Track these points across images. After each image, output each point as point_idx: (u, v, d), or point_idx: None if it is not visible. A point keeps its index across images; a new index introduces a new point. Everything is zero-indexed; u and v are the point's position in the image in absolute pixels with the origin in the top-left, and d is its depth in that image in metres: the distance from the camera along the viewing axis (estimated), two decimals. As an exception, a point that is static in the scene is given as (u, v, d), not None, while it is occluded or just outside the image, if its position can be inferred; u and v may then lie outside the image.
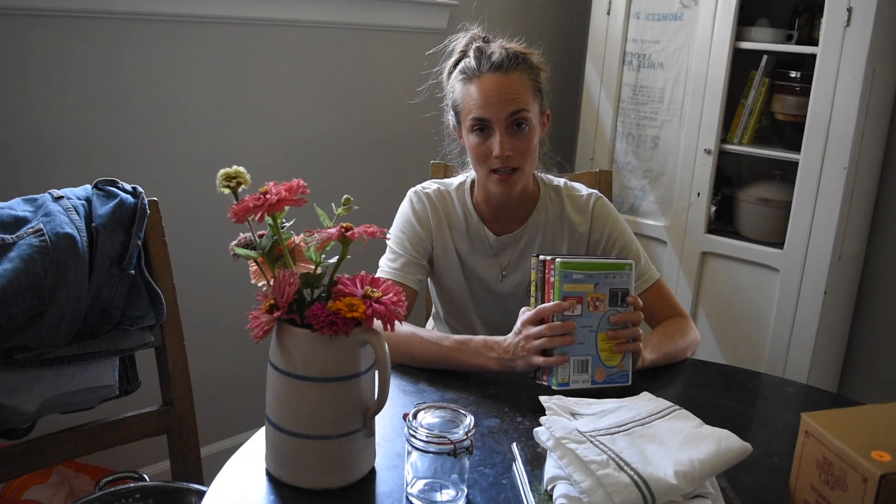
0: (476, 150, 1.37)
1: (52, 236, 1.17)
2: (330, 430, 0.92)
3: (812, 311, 2.19)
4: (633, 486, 0.84)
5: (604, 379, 1.20)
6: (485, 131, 1.35)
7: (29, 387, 1.21)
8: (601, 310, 1.20)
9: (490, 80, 1.34)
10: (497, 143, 1.33)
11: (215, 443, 2.08)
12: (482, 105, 1.34)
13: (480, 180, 1.43)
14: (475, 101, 1.35)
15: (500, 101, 1.33)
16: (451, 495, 0.92)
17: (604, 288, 1.20)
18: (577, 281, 1.19)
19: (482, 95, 1.34)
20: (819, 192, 2.14)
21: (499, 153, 1.33)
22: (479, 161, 1.38)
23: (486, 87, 1.34)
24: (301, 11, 2.05)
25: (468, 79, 1.37)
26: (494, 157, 1.34)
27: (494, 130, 1.34)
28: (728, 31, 2.23)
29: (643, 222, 2.51)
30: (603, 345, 1.20)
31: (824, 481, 0.82)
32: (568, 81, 2.88)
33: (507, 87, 1.34)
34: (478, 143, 1.36)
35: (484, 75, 1.35)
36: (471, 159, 1.41)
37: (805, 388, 1.37)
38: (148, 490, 1.30)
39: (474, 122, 1.35)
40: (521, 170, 1.37)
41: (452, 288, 1.50)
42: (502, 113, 1.33)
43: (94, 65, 1.72)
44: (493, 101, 1.33)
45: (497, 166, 1.35)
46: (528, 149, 1.37)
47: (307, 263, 0.95)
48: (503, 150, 1.33)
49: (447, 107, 1.45)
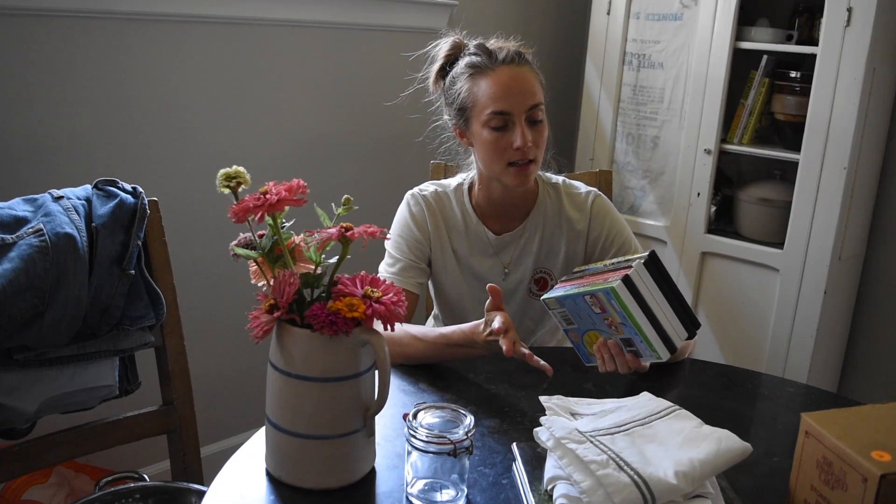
0: (494, 143, 1.35)
1: (52, 236, 1.17)
2: (330, 430, 0.92)
3: (812, 311, 2.19)
4: (633, 486, 0.84)
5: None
6: (503, 126, 1.34)
7: (29, 387, 1.21)
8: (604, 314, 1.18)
9: (506, 72, 1.34)
10: (519, 134, 1.32)
11: (215, 443, 2.08)
12: (503, 97, 1.33)
13: (491, 176, 1.41)
14: (493, 94, 1.33)
15: (521, 92, 1.33)
16: (451, 495, 0.92)
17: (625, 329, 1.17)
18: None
19: (501, 88, 1.33)
20: (819, 192, 2.14)
21: (522, 144, 1.32)
22: (496, 154, 1.36)
23: (503, 80, 1.33)
24: (301, 11, 2.05)
25: (479, 73, 1.36)
26: (516, 148, 1.33)
27: (515, 123, 1.33)
28: (728, 31, 2.23)
29: (643, 222, 2.51)
30: (590, 338, 1.21)
31: (824, 481, 0.82)
32: (568, 81, 2.88)
33: (524, 80, 1.34)
34: (496, 137, 1.34)
35: (498, 68, 1.34)
36: (484, 155, 1.38)
37: (805, 388, 1.37)
38: (148, 490, 1.30)
39: (493, 115, 1.33)
40: (536, 161, 1.37)
41: (451, 290, 1.50)
42: (523, 105, 1.33)
43: (94, 65, 1.72)
44: (514, 92, 1.32)
45: (516, 158, 1.34)
46: (544, 141, 1.38)
47: (307, 263, 0.95)
48: (526, 142, 1.32)
49: (447, 107, 1.45)
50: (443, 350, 1.26)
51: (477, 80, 1.36)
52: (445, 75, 1.44)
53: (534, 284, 1.49)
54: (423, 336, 1.28)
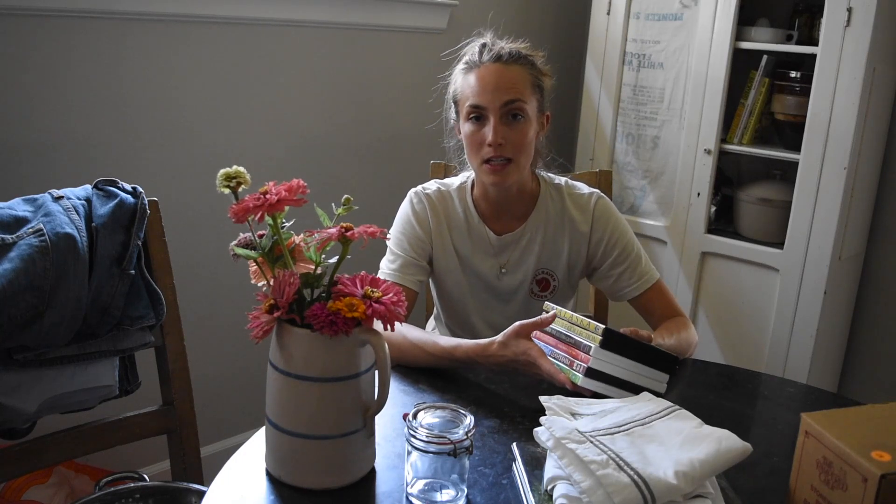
0: (470, 138, 1.38)
1: (52, 236, 1.17)
2: (330, 430, 0.92)
3: (812, 311, 2.19)
4: (633, 486, 0.84)
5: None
6: (480, 119, 1.36)
7: (29, 387, 1.21)
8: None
9: (489, 69, 1.36)
10: (490, 130, 1.34)
11: (215, 443, 2.08)
12: (479, 92, 1.35)
13: (475, 172, 1.44)
14: (472, 88, 1.36)
15: (497, 89, 1.34)
16: (451, 495, 0.92)
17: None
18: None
19: (480, 83, 1.36)
20: (819, 192, 2.14)
21: (492, 140, 1.34)
22: (473, 150, 1.39)
23: (484, 76, 1.36)
24: (301, 11, 2.05)
25: (468, 69, 1.39)
26: (487, 144, 1.35)
27: (489, 118, 1.35)
28: (728, 31, 2.22)
29: (643, 222, 2.51)
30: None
31: (824, 481, 0.82)
32: (568, 81, 2.88)
33: (504, 77, 1.35)
34: (473, 130, 1.37)
35: (483, 65, 1.37)
36: (466, 150, 1.41)
37: (805, 388, 1.37)
38: (148, 490, 1.30)
39: (471, 109, 1.37)
40: (514, 162, 1.37)
41: (452, 289, 1.50)
42: (498, 101, 1.34)
43: (94, 65, 1.72)
44: (489, 88, 1.35)
45: (490, 156, 1.36)
46: (523, 141, 1.37)
47: (307, 263, 0.95)
48: (496, 137, 1.34)
49: (449, 101, 1.46)
50: (442, 362, 1.27)
51: (466, 76, 1.39)
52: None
53: (535, 285, 1.49)
54: (424, 344, 1.27)
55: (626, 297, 1.48)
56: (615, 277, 1.47)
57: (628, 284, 1.46)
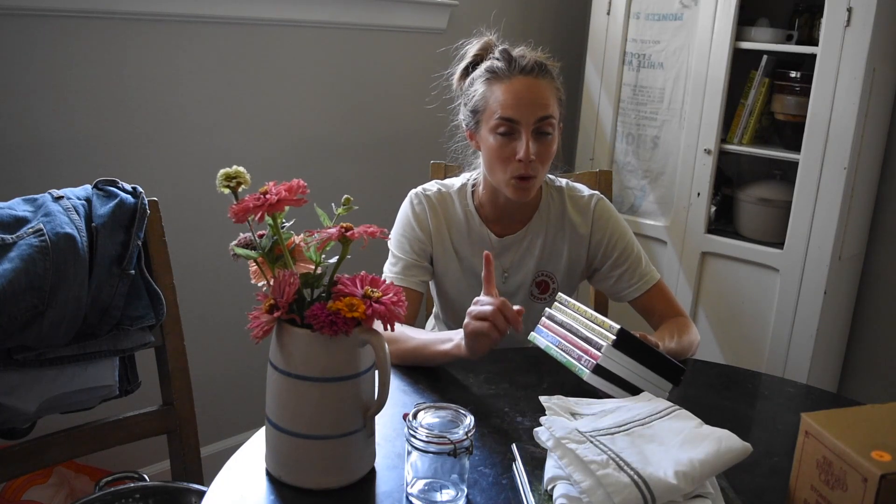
0: (498, 151, 1.35)
1: (52, 236, 1.17)
2: (330, 430, 0.92)
3: (812, 311, 2.19)
4: (633, 486, 0.84)
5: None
6: (510, 134, 1.33)
7: (29, 387, 1.21)
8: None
9: (522, 82, 1.33)
10: (523, 146, 1.32)
11: (215, 443, 2.08)
12: (513, 106, 1.32)
13: (494, 183, 1.41)
14: (503, 101, 1.33)
15: (532, 104, 1.32)
16: (451, 495, 0.92)
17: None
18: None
19: (513, 96, 1.32)
20: (819, 192, 2.14)
21: (524, 156, 1.31)
22: (499, 163, 1.35)
23: (517, 89, 1.33)
24: (301, 11, 2.05)
25: (496, 79, 1.35)
26: (518, 160, 1.32)
27: (521, 133, 1.32)
28: (728, 31, 2.23)
29: (643, 222, 2.51)
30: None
31: (824, 481, 0.82)
32: (568, 81, 2.86)
33: (538, 92, 1.33)
34: (501, 144, 1.34)
35: (515, 77, 1.34)
36: (488, 161, 1.38)
37: (805, 388, 1.37)
38: (148, 490, 1.30)
39: (501, 122, 1.33)
40: (537, 177, 1.36)
41: (452, 290, 1.50)
42: (532, 116, 1.32)
43: (94, 65, 1.72)
44: (524, 102, 1.32)
45: (521, 172, 1.33)
46: (549, 157, 1.36)
47: (307, 263, 0.95)
48: (528, 154, 1.31)
49: (462, 107, 1.44)
50: (421, 350, 1.26)
51: (492, 86, 1.35)
52: (469, 75, 1.44)
53: (535, 287, 1.49)
54: (405, 340, 1.27)
55: (626, 298, 1.48)
56: (616, 279, 1.47)
57: (629, 285, 1.46)
